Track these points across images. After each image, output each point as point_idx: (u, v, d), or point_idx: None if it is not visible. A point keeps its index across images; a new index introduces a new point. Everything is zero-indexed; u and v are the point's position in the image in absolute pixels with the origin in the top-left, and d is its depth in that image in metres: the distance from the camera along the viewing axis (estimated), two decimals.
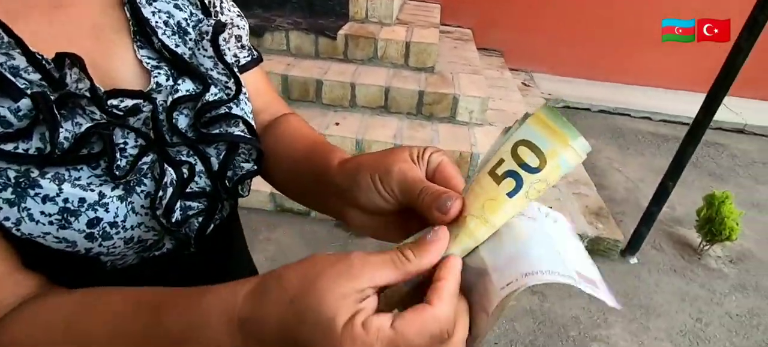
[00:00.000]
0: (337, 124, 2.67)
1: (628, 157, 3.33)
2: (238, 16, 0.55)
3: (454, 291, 0.29)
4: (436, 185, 0.34)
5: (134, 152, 0.40)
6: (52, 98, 0.35)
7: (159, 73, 0.43)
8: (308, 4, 3.13)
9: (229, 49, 0.51)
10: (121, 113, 0.39)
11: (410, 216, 0.36)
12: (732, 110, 3.91)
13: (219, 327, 0.30)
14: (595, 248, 2.29)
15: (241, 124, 0.48)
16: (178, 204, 0.43)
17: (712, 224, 2.19)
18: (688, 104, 3.53)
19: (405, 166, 0.35)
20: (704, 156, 3.39)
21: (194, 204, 0.46)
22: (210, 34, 0.45)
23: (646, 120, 3.91)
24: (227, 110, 0.47)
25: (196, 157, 0.46)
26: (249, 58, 0.56)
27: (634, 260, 2.30)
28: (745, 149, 3.60)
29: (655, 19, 4.29)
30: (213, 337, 0.30)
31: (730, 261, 2.38)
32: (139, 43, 0.43)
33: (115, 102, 0.39)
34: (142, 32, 0.43)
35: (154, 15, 0.44)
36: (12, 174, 0.34)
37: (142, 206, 0.40)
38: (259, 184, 0.58)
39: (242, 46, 0.55)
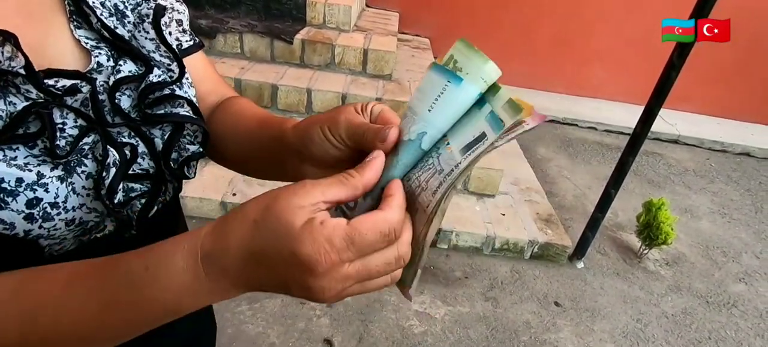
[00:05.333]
0: None
1: (576, 165, 3.49)
2: (177, 0, 0.54)
3: (402, 203, 0.34)
4: (377, 124, 0.39)
5: (74, 132, 0.39)
6: None
7: (99, 53, 0.43)
8: (264, 7, 3.06)
9: (170, 33, 0.51)
10: (59, 93, 0.38)
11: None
12: (667, 121, 4.20)
13: (183, 264, 0.32)
14: (545, 253, 2.38)
15: (185, 105, 0.48)
16: (121, 185, 0.43)
17: (650, 230, 2.33)
18: (627, 115, 3.75)
19: (350, 116, 0.40)
20: (643, 165, 3.62)
21: (137, 186, 0.45)
22: (151, 16, 0.46)
23: (592, 130, 4.13)
24: (171, 92, 0.47)
25: (138, 139, 0.45)
26: (191, 43, 0.56)
27: (580, 264, 2.41)
28: (679, 159, 3.88)
29: (601, 36, 4.54)
30: (176, 276, 0.32)
31: (666, 264, 2.54)
32: (75, 23, 0.42)
33: (51, 82, 0.38)
34: (79, 12, 0.43)
35: None
36: None
37: (84, 187, 0.40)
38: (209, 192, 0.57)
39: (184, 31, 0.55)
